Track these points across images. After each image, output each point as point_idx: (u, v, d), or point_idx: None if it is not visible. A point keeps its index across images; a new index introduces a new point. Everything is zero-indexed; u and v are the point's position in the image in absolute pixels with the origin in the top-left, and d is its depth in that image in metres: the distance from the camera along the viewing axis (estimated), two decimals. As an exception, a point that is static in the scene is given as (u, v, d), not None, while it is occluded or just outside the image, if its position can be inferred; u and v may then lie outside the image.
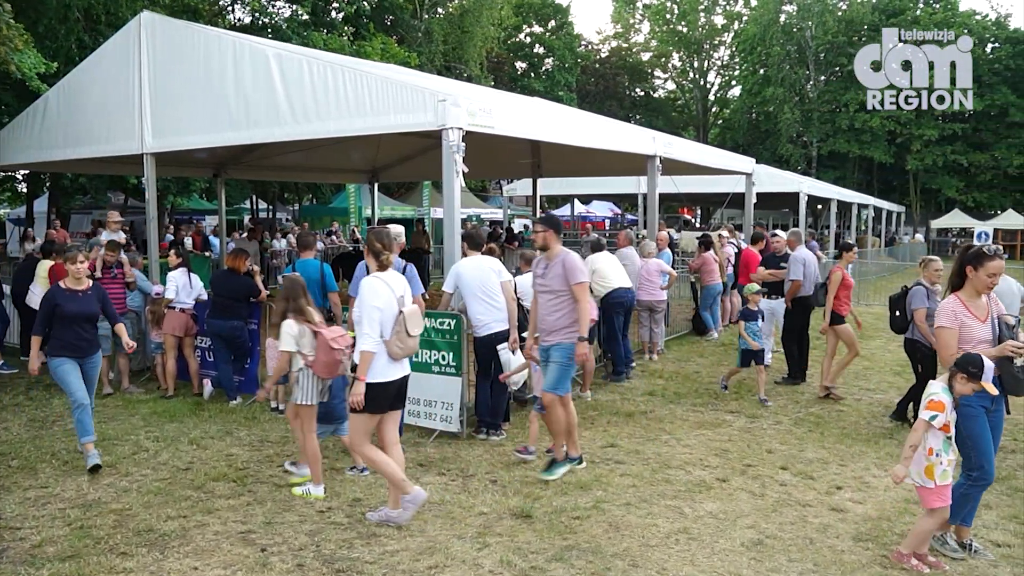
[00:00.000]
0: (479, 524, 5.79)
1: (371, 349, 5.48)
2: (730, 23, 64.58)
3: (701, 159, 14.93)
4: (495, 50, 42.90)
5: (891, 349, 13.68)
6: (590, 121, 12.71)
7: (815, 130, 53.55)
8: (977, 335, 5.13)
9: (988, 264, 5.16)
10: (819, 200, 30.12)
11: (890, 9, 54.23)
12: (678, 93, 69.47)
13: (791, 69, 53.57)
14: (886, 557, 5.34)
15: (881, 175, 57.05)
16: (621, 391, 10.14)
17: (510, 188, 29.12)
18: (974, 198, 53.82)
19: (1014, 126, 52.01)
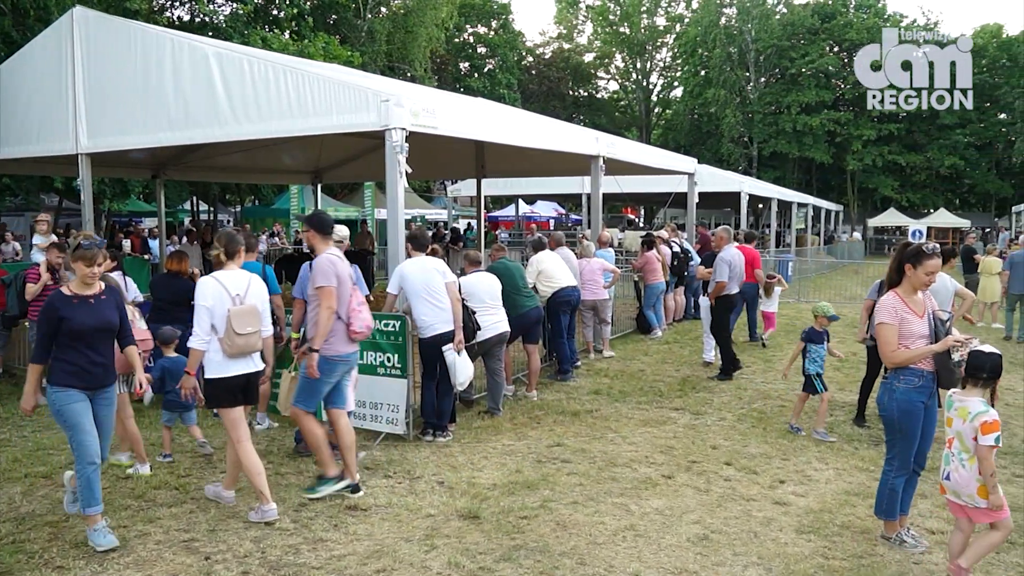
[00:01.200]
0: (427, 526, 5.77)
1: (196, 347, 5.77)
2: (672, 25, 65.28)
3: (644, 159, 15.08)
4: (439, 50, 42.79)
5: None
6: (534, 121, 12.75)
7: (757, 131, 54.41)
8: (916, 330, 5.25)
9: (926, 263, 5.27)
10: (760, 199, 30.59)
11: (824, 13, 55.48)
12: (621, 94, 70.05)
13: (732, 71, 54.35)
14: (828, 548, 5.44)
15: (820, 175, 58.28)
16: (567, 390, 10.18)
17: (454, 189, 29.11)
18: (908, 197, 55.39)
19: (945, 128, 53.65)
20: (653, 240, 14.94)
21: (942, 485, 4.91)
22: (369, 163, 17.30)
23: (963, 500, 4.79)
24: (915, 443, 5.38)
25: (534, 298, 9.80)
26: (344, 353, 6.45)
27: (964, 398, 4.82)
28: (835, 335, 14.92)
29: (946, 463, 4.87)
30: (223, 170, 18.72)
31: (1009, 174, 56.55)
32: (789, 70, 54.46)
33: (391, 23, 35.81)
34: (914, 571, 5.16)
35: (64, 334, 5.33)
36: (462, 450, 7.59)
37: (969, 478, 4.75)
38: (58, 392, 5.32)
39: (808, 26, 54.65)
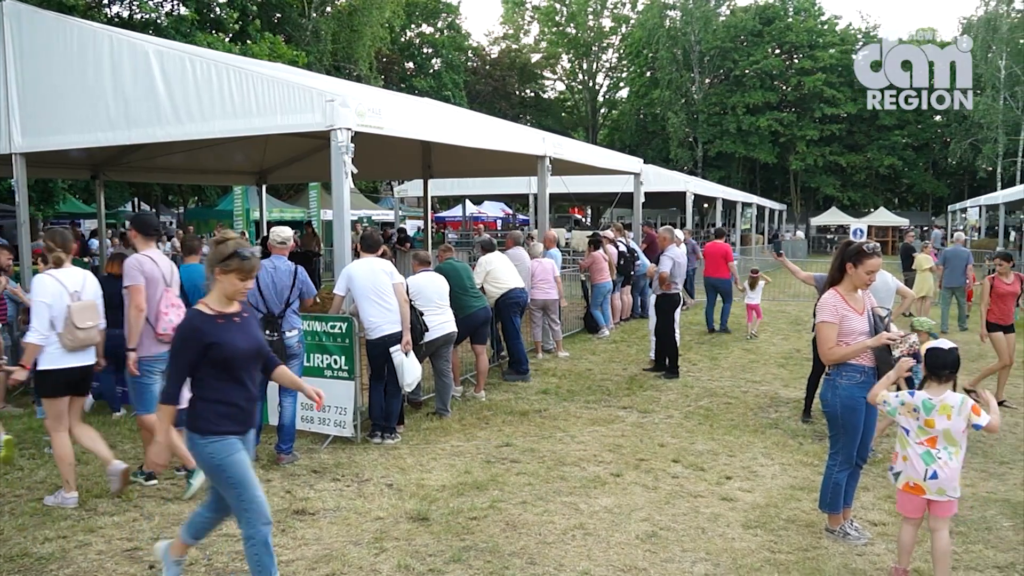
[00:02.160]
0: (375, 529, 5.72)
1: (34, 342, 5.90)
2: (618, 26, 65.74)
3: (590, 159, 15.15)
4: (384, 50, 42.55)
5: (775, 343, 14.16)
6: (480, 122, 12.74)
7: (702, 132, 55.06)
8: (857, 327, 5.34)
9: (867, 262, 5.37)
10: (705, 199, 30.91)
11: (766, 16, 56.44)
12: (567, 94, 70.35)
13: (677, 72, 54.91)
14: (774, 542, 5.51)
15: (764, 174, 59.24)
16: (515, 390, 10.18)
17: (401, 189, 28.90)
18: (850, 197, 56.65)
19: (884, 129, 54.99)
20: (600, 240, 15.02)
21: (920, 486, 4.78)
22: (315, 164, 17.13)
23: (947, 495, 4.76)
24: (858, 437, 5.48)
25: (482, 299, 9.79)
26: (153, 354, 6.52)
27: (939, 396, 4.77)
28: (779, 332, 15.24)
29: (928, 462, 4.75)
30: (165, 171, 18.38)
31: (945, 174, 58.10)
32: (733, 71, 55.27)
33: (336, 22, 35.54)
34: (857, 562, 5.25)
35: (212, 364, 4.22)
36: (411, 452, 7.55)
37: (956, 470, 4.76)
38: (215, 442, 4.24)
39: (750, 28, 55.54)
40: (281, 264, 7.27)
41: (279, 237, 7.44)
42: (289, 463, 7.11)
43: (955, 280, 15.88)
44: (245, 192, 28.83)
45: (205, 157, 15.82)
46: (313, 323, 7.78)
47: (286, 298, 7.18)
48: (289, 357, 7.15)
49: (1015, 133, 45.90)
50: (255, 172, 19.72)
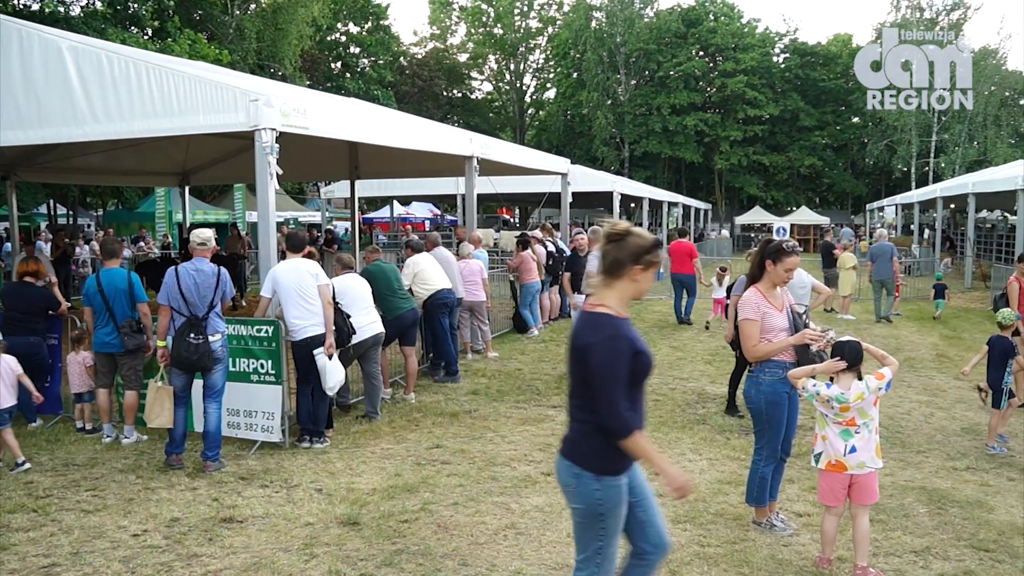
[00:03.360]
0: (305, 535, 5.64)
1: None
2: (544, 27, 66.07)
3: (518, 160, 15.20)
4: (310, 49, 42.01)
5: (702, 340, 14.38)
6: (408, 122, 12.68)
7: (628, 132, 55.67)
8: (777, 324, 5.45)
9: (786, 260, 5.48)
10: (632, 199, 31.24)
11: (690, 19, 57.40)
12: (495, 95, 70.47)
13: (603, 73, 55.41)
14: (703, 536, 5.58)
15: (689, 174, 60.22)
16: (445, 392, 10.15)
17: (328, 190, 28.61)
18: (772, 196, 58.01)
19: (804, 130, 56.46)
20: (528, 240, 15.08)
21: (842, 462, 4.97)
22: (239, 165, 16.87)
23: (867, 467, 4.96)
24: (782, 432, 5.59)
25: (410, 300, 9.74)
26: None
27: (849, 388, 4.97)
28: (707, 329, 15.47)
29: (845, 439, 4.97)
30: (82, 171, 17.89)
31: (863, 174, 59.86)
32: (658, 73, 56.04)
33: (260, 20, 34.91)
34: (783, 553, 5.36)
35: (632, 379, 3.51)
36: (340, 456, 7.47)
37: (870, 440, 4.97)
38: (613, 485, 3.62)
39: (675, 31, 56.40)
40: (204, 266, 7.13)
41: (199, 239, 7.28)
42: (216, 470, 6.97)
43: (883, 273, 17.05)
44: (168, 194, 28.24)
45: (125, 158, 15.44)
46: (239, 327, 7.64)
47: (209, 301, 7.04)
48: (213, 361, 7.02)
49: (927, 135, 47.51)
50: (177, 173, 19.33)
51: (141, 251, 24.87)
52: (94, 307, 7.73)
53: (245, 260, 20.88)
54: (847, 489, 5.02)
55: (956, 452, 7.78)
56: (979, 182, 24.84)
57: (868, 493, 5.02)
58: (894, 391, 10.22)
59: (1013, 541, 5.58)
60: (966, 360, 12.47)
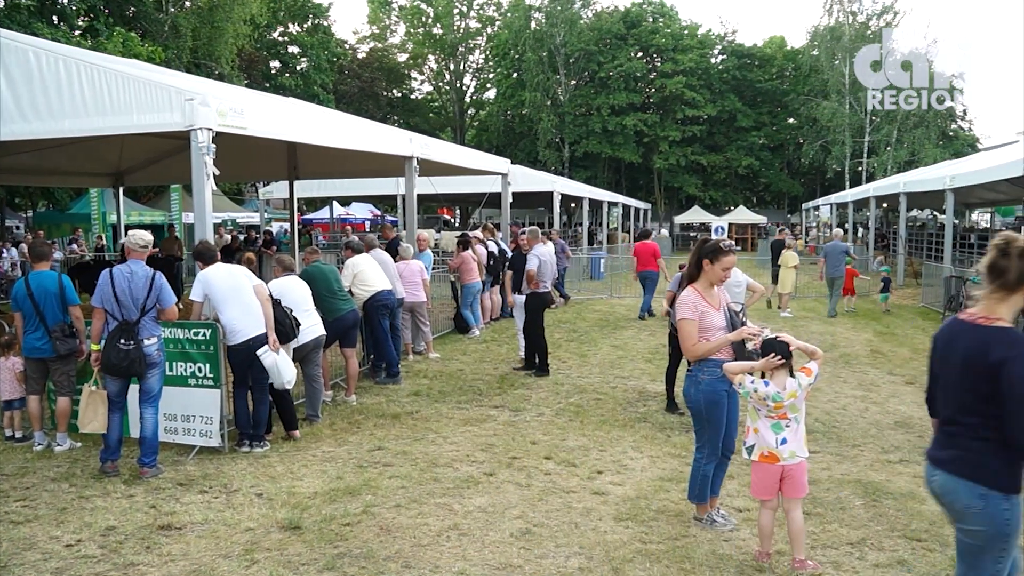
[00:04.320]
0: (246, 540, 5.56)
1: None
2: (483, 27, 66.05)
3: (458, 160, 15.20)
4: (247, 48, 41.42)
5: (642, 338, 14.52)
6: (347, 122, 12.58)
7: (569, 132, 55.97)
8: (715, 323, 5.51)
9: (723, 259, 5.55)
10: (572, 199, 31.41)
11: (630, 20, 57.96)
12: (435, 95, 70.27)
13: (543, 74, 55.61)
14: (645, 533, 5.64)
15: (629, 174, 60.77)
16: (386, 393, 10.10)
17: (266, 191, 28.24)
18: (711, 195, 58.88)
19: (741, 130, 57.41)
20: (469, 240, 15.08)
21: (774, 453, 5.08)
22: (175, 165, 16.56)
23: (798, 456, 5.08)
24: (722, 430, 5.66)
25: (350, 301, 9.66)
26: None
27: (783, 385, 5.06)
28: (646, 328, 15.64)
29: (776, 431, 5.08)
30: (9, 171, 17.37)
31: (799, 174, 60.98)
32: (598, 73, 56.45)
33: (196, 18, 34.27)
34: (724, 548, 5.43)
35: None
36: (281, 459, 7.39)
37: (798, 430, 5.09)
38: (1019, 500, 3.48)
39: (615, 32, 56.88)
40: (138, 269, 6.98)
41: (141, 241, 7.13)
42: (153, 476, 6.84)
43: (835, 271, 17.91)
44: (101, 195, 27.63)
45: (55, 157, 15.07)
46: (175, 330, 7.51)
47: (142, 304, 6.88)
48: (149, 366, 6.89)
49: (860, 136, 48.57)
50: (111, 173, 18.92)
51: (74, 253, 24.31)
52: (24, 312, 7.52)
53: (181, 262, 20.53)
54: (779, 482, 5.13)
55: (890, 445, 7.97)
56: (910, 182, 25.49)
57: (798, 486, 5.13)
58: (830, 386, 10.45)
59: (943, 530, 5.73)
60: (900, 356, 12.86)
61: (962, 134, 56.31)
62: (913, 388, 10.67)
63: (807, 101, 52.51)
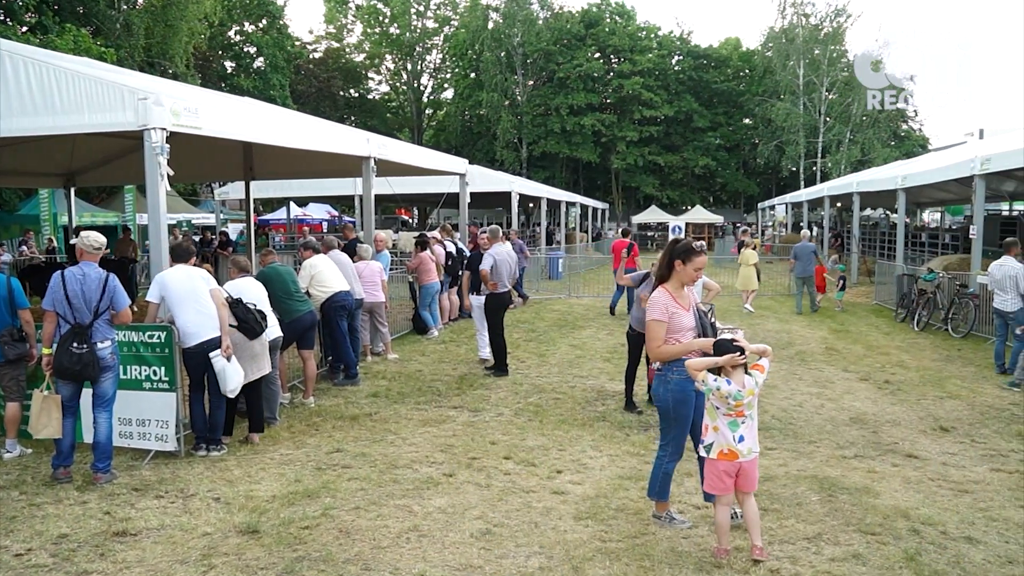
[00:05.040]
0: (203, 546, 5.49)
1: None
2: (441, 27, 65.90)
3: (415, 160, 15.14)
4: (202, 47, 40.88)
5: (600, 338, 14.58)
6: (304, 122, 12.49)
7: (527, 132, 56.06)
8: (685, 324, 5.55)
9: (695, 259, 5.58)
10: (530, 199, 31.44)
11: (589, 20, 58.24)
12: (392, 95, 69.97)
13: (501, 74, 55.65)
14: (605, 532, 5.66)
15: (587, 174, 61.07)
16: (345, 395, 10.04)
17: (222, 192, 27.92)
18: (668, 195, 59.35)
19: (698, 131, 57.94)
20: (427, 241, 15.04)
21: (734, 450, 5.15)
22: (128, 165, 16.28)
23: (754, 452, 5.18)
24: (687, 429, 5.70)
25: (307, 303, 9.58)
26: None
27: (741, 383, 5.14)
28: (604, 327, 15.72)
29: (733, 429, 5.14)
30: (-45, 172, 17.01)
31: (754, 174, 61.75)
32: (557, 74, 56.63)
33: (149, 16, 33.68)
34: (683, 545, 5.47)
35: None
36: (238, 463, 7.31)
37: (752, 427, 5.18)
38: None
39: (574, 32, 57.12)
40: (91, 271, 6.85)
41: (95, 243, 7.00)
42: (107, 482, 6.72)
43: (805, 271, 18.61)
44: (52, 195, 27.10)
45: (3, 157, 14.73)
46: (130, 333, 7.39)
47: (95, 307, 6.76)
48: (102, 370, 6.78)
49: (814, 136, 49.28)
50: (62, 174, 18.54)
51: (24, 255, 23.83)
52: (-29, 316, 7.36)
53: (135, 264, 20.24)
54: (734, 478, 5.21)
55: (845, 441, 8.09)
56: (863, 181, 25.88)
57: (752, 481, 5.24)
58: (786, 384, 10.57)
59: (897, 524, 5.84)
60: (854, 353, 13.05)
61: (913, 135, 57.41)
62: (867, 385, 10.84)
63: (762, 102, 53.20)
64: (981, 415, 9.23)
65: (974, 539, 5.61)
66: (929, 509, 6.19)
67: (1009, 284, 11.39)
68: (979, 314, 14.45)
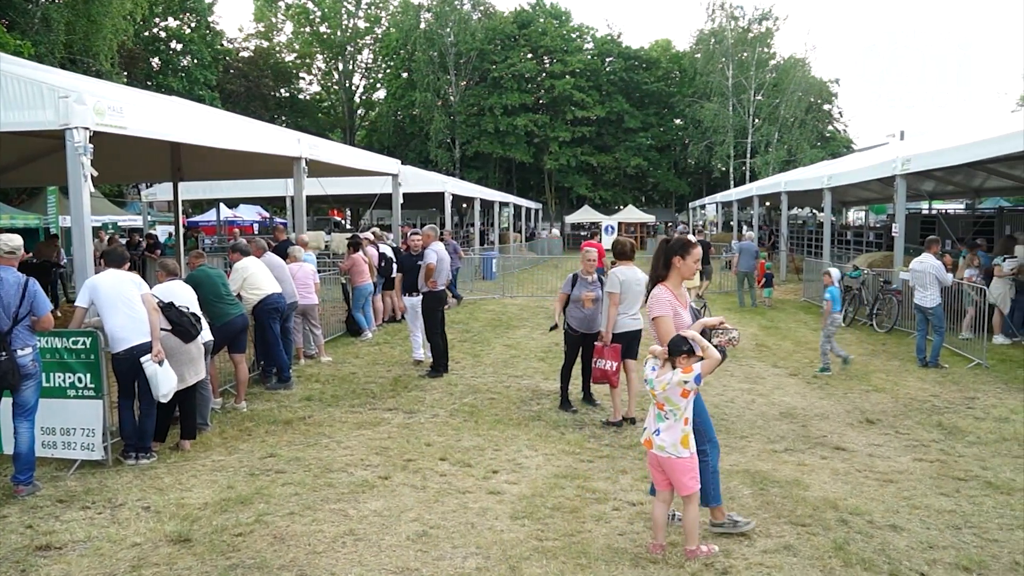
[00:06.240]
0: (132, 557, 5.36)
1: None
2: (372, 26, 65.42)
3: (347, 161, 15.02)
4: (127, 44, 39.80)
5: (535, 337, 14.62)
6: (233, 122, 12.27)
7: (460, 132, 56.00)
8: (686, 321, 5.53)
9: (693, 251, 5.61)
10: (464, 199, 31.42)
11: (521, 20, 58.41)
12: (324, 95, 69.22)
13: (434, 74, 55.49)
14: (541, 531, 5.68)
15: (520, 174, 61.26)
16: (278, 399, 9.91)
17: (149, 193, 27.31)
18: (601, 195, 59.79)
19: (630, 131, 58.51)
20: (359, 242, 14.92)
21: (651, 440, 5.26)
22: (50, 165, 15.78)
23: (666, 452, 5.19)
24: (708, 421, 5.68)
25: (238, 306, 9.43)
26: None
27: (661, 375, 5.21)
28: (539, 327, 15.77)
29: (657, 422, 5.22)
30: None
31: (685, 174, 62.64)
32: (491, 73, 56.64)
33: (70, 10, 32.53)
34: (619, 542, 5.52)
35: None
36: (168, 470, 7.16)
37: (674, 428, 5.17)
38: None
39: (507, 32, 57.24)
40: (9, 276, 6.61)
41: (7, 246, 6.77)
42: (29, 495, 6.51)
43: (747, 266, 19.89)
44: (-33, 197, 26.23)
45: (-86, 158, 14.23)
46: (53, 339, 7.17)
47: (14, 313, 6.53)
48: (23, 377, 6.57)
49: (743, 136, 50.16)
50: (-22, 175, 17.95)
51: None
52: None
53: (59, 268, 19.69)
54: (662, 473, 5.29)
55: (775, 435, 8.25)
56: (790, 181, 26.41)
57: (678, 484, 5.24)
58: (717, 380, 10.73)
59: (826, 515, 5.99)
60: (783, 349, 13.31)
61: (838, 136, 58.85)
62: (796, 380, 11.07)
63: (692, 103, 53.99)
64: (904, 407, 9.51)
65: (898, 527, 5.80)
66: (856, 499, 6.36)
67: (929, 280, 11.75)
68: (902, 310, 14.86)
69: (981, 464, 7.33)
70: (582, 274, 9.26)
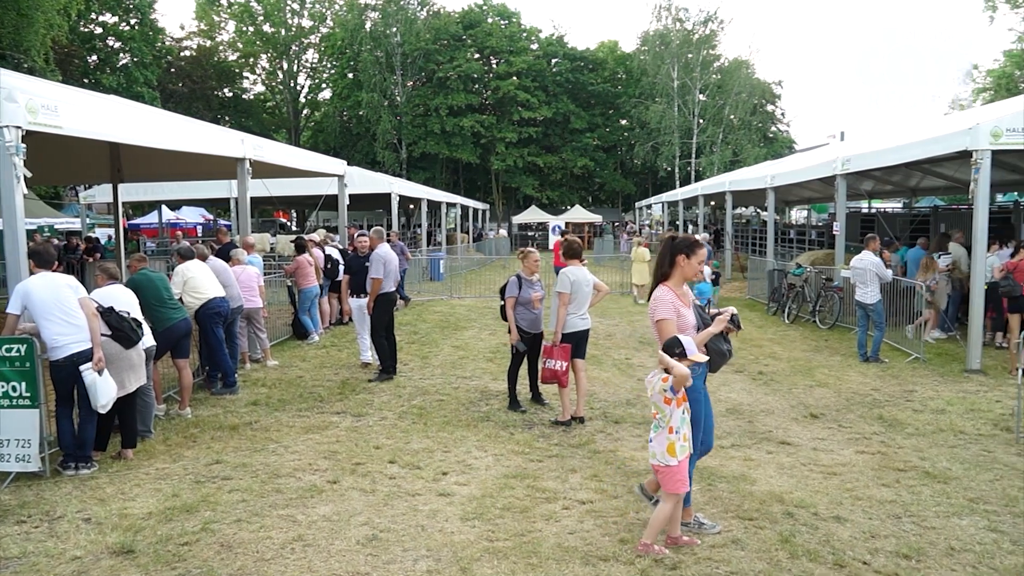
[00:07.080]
0: (72, 571, 5.21)
1: None
2: (317, 25, 64.78)
3: (293, 162, 14.85)
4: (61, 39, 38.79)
5: (483, 338, 14.62)
6: (175, 122, 12.03)
7: (407, 133, 55.78)
8: (690, 321, 5.49)
9: (699, 251, 5.54)
10: (411, 200, 31.28)
11: (467, 21, 58.40)
12: (268, 95, 68.35)
13: (380, 74, 55.18)
14: (492, 531, 5.66)
15: (467, 175, 61.26)
16: (223, 404, 9.75)
17: (88, 195, 26.75)
18: (548, 195, 60.07)
19: (576, 132, 58.88)
20: (305, 243, 14.77)
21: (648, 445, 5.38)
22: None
23: (656, 459, 5.24)
24: (700, 427, 5.59)
25: (181, 310, 9.26)
26: None
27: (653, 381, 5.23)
28: (487, 327, 15.75)
29: (654, 431, 5.29)
30: None
31: (631, 174, 63.13)
32: (437, 74, 56.53)
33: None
34: (570, 540, 5.52)
35: None
36: (110, 480, 6.99)
37: (661, 436, 5.21)
38: None
39: (453, 32, 57.16)
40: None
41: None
42: (-39, 507, 6.32)
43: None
44: None
45: None
46: (-15, 346, 6.95)
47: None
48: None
49: (688, 137, 50.71)
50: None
51: None
52: None
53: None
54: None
55: (722, 432, 8.32)
56: (735, 181, 26.72)
57: (661, 481, 5.32)
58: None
59: (772, 508, 6.07)
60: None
61: (781, 136, 59.77)
62: (742, 376, 11.21)
63: (638, 104, 54.44)
64: (847, 401, 9.69)
65: (842, 518, 5.91)
66: (802, 492, 6.47)
67: (869, 277, 11.99)
68: (843, 306, 15.14)
69: (919, 455, 7.52)
70: (525, 275, 9.24)
